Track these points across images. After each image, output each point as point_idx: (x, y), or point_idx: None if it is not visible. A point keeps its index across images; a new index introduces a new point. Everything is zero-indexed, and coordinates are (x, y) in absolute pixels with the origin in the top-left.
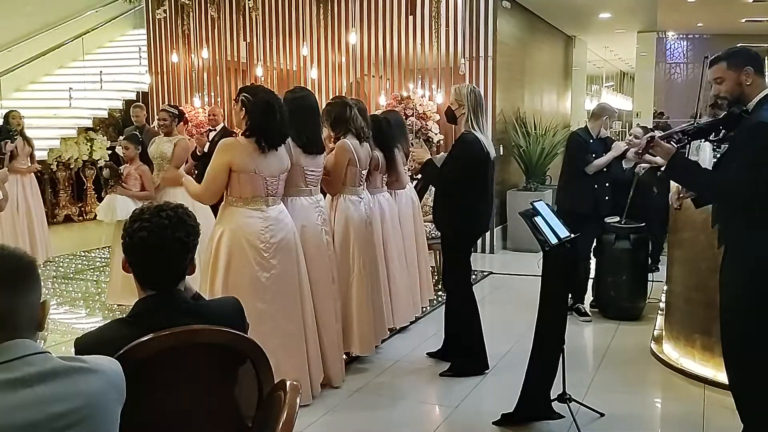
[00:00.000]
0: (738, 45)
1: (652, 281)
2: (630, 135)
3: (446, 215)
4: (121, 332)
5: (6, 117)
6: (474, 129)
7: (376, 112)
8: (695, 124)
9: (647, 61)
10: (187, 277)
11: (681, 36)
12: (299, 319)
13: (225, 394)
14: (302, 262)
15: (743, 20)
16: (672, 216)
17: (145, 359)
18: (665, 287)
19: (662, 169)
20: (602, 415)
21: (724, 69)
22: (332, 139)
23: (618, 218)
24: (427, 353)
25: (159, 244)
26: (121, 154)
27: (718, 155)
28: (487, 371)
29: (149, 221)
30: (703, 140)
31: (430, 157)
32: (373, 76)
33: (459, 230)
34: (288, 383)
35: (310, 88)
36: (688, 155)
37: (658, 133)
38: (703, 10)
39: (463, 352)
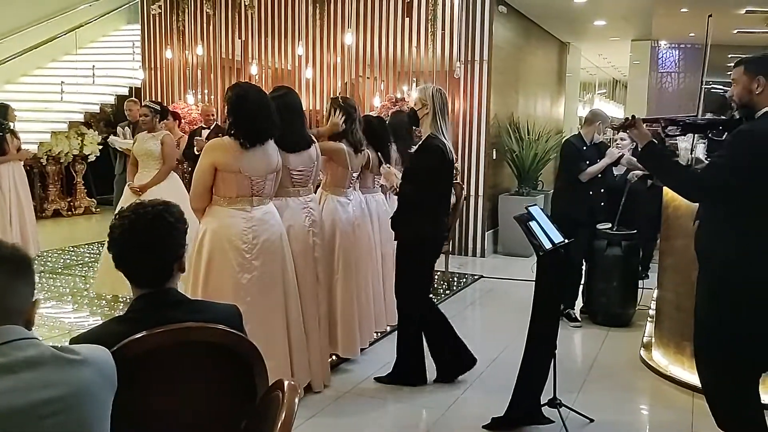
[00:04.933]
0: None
1: (642, 288)
2: (616, 138)
3: (411, 224)
4: (118, 330)
5: (6, 110)
6: (438, 132)
7: (370, 113)
8: (694, 117)
9: (640, 69)
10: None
11: (673, 45)
12: (282, 322)
13: (219, 393)
14: (289, 265)
15: (735, 31)
16: (664, 224)
17: (139, 356)
18: (655, 294)
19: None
20: (592, 420)
21: (741, 73)
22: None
23: (610, 225)
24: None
25: (148, 245)
26: (119, 148)
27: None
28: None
29: (135, 222)
30: (699, 137)
31: (399, 180)
32: (368, 78)
33: (425, 238)
34: (286, 383)
35: (304, 89)
36: (678, 153)
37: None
38: (696, 21)
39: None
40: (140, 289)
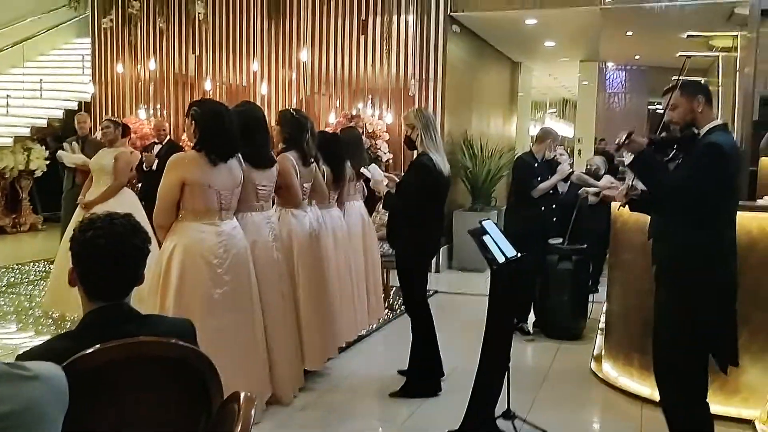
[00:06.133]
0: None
1: (593, 302)
2: (555, 153)
3: (404, 238)
4: (68, 345)
5: None
6: (429, 148)
7: (325, 130)
8: (659, 135)
9: (589, 89)
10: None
11: (620, 67)
12: (251, 336)
13: (173, 407)
14: (254, 278)
15: (678, 54)
16: (612, 239)
17: (91, 371)
18: (605, 307)
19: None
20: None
21: (678, 96)
22: (278, 147)
23: (561, 239)
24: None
25: (118, 251)
26: (67, 163)
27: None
28: (439, 392)
29: (103, 228)
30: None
31: (388, 189)
32: (323, 94)
33: (416, 252)
34: (242, 395)
35: (259, 104)
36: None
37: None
38: (641, 44)
39: (417, 374)
40: (94, 303)
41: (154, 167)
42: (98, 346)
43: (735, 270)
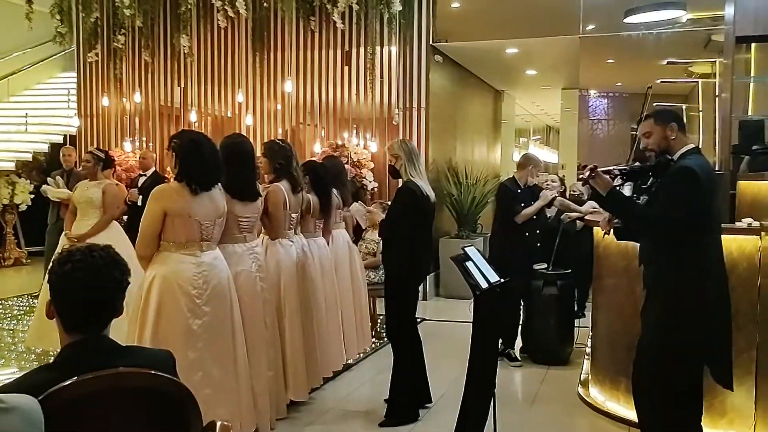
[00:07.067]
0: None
1: (579, 327)
2: (546, 181)
3: (398, 251)
4: (47, 378)
5: None
6: (413, 176)
7: (312, 159)
8: (631, 166)
9: (571, 116)
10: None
11: (602, 94)
12: (232, 368)
13: None
14: (236, 310)
15: (658, 81)
16: (595, 263)
17: (69, 403)
18: (591, 332)
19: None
20: None
21: (652, 124)
22: (266, 179)
23: (546, 265)
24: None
25: (95, 284)
26: (51, 197)
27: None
28: (418, 419)
29: (82, 261)
30: (629, 183)
31: (383, 218)
32: (309, 125)
33: (411, 263)
34: (218, 424)
35: (245, 135)
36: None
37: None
38: (621, 71)
39: (402, 400)
40: (72, 335)
41: (139, 202)
42: (76, 378)
43: (725, 285)
